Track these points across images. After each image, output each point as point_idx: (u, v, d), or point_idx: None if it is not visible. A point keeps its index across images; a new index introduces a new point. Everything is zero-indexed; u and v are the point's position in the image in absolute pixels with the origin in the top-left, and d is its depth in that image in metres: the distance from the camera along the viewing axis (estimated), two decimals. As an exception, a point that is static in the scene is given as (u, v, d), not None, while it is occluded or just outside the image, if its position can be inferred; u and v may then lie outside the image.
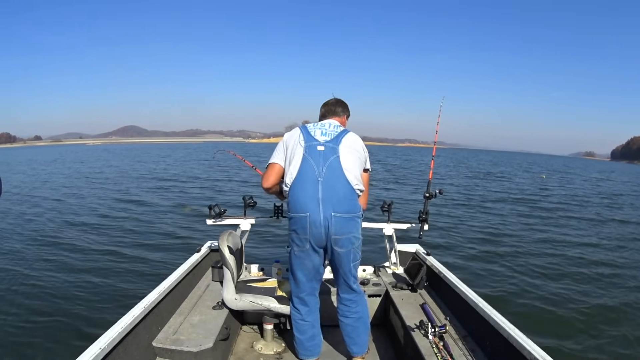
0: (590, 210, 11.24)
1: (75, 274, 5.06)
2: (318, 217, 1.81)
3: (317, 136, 1.92)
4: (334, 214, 1.82)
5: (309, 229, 1.83)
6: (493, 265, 5.69)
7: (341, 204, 1.83)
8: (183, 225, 7.94)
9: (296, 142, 1.92)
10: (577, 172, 36.43)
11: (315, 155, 1.87)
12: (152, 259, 5.69)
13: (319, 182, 1.82)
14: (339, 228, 1.83)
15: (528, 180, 21.59)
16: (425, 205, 2.66)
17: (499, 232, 7.96)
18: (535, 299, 4.54)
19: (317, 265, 1.94)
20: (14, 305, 4.11)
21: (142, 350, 1.82)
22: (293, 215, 1.87)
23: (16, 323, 3.73)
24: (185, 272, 2.44)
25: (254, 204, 2.82)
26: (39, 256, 5.86)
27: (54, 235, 7.20)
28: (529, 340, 1.60)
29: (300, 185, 1.85)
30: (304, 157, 1.87)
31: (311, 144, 1.89)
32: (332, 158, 1.87)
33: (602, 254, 6.49)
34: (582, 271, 5.58)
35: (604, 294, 4.76)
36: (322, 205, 1.81)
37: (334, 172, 1.85)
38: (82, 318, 3.84)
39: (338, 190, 1.84)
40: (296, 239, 1.88)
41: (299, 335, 2.06)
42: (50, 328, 3.65)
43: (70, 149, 73.21)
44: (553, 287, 4.94)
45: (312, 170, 1.84)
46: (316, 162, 1.85)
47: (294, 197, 1.87)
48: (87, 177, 18.32)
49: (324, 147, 1.88)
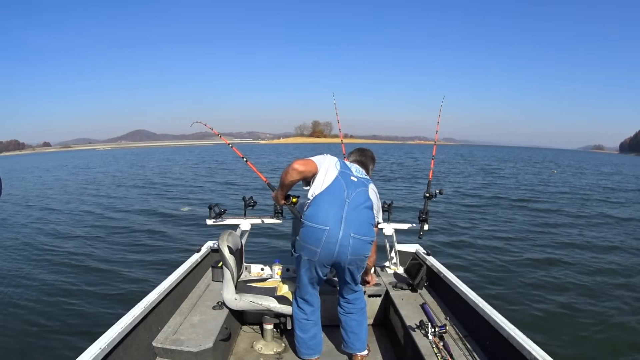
0: (596, 208, 11.17)
1: (75, 274, 5.07)
2: (337, 234, 1.83)
3: (352, 170, 2.02)
4: (354, 235, 1.85)
5: (323, 243, 1.83)
6: (493, 265, 5.69)
7: (362, 227, 1.89)
8: (183, 225, 7.94)
9: (332, 164, 1.98)
10: (587, 166, 36.10)
11: (348, 181, 1.94)
12: (152, 259, 5.69)
13: (346, 202, 1.87)
14: (356, 249, 1.87)
15: (538, 176, 21.40)
16: (425, 205, 2.66)
17: (500, 232, 7.95)
18: (536, 298, 4.53)
19: (323, 275, 1.98)
20: (14, 306, 4.12)
21: (142, 350, 1.82)
22: (310, 225, 1.85)
23: (16, 323, 3.73)
24: (185, 272, 2.44)
25: (254, 204, 2.82)
26: (39, 256, 5.87)
27: (54, 236, 7.21)
28: (529, 340, 1.60)
29: (328, 198, 1.87)
30: (337, 178, 1.93)
31: (345, 172, 1.98)
32: (361, 189, 1.95)
33: (608, 255, 6.47)
34: (585, 272, 5.57)
35: (605, 295, 4.76)
36: (345, 224, 1.84)
37: (361, 199, 1.92)
38: (82, 318, 3.84)
39: (361, 214, 1.90)
40: (306, 249, 1.88)
41: (302, 334, 2.07)
42: (51, 328, 3.65)
43: (80, 155, 72.96)
44: (554, 287, 4.93)
45: (342, 190, 1.90)
46: (347, 186, 1.92)
47: (316, 208, 1.87)
48: (94, 180, 18.35)
49: (356, 179, 1.97)
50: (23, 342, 3.42)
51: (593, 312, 4.25)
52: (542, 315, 4.12)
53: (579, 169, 30.14)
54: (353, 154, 2.37)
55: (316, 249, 1.84)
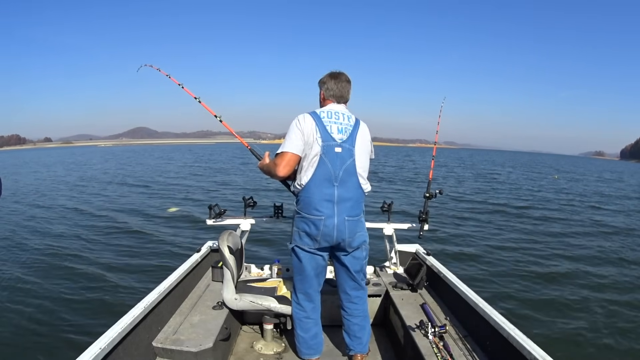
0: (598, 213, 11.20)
1: (74, 274, 5.06)
2: (332, 221, 1.85)
3: (334, 133, 1.85)
4: (348, 218, 1.87)
5: (321, 230, 1.85)
6: (493, 265, 5.69)
7: (354, 208, 1.89)
8: (183, 225, 7.93)
9: (313, 139, 1.83)
10: (588, 172, 36.22)
11: (333, 157, 1.84)
12: (152, 259, 5.68)
13: (335, 186, 1.84)
14: (351, 230, 1.89)
15: (540, 181, 21.44)
16: (425, 205, 2.66)
17: (502, 232, 7.96)
18: (536, 299, 4.54)
19: (325, 260, 2.00)
20: (15, 306, 4.11)
21: (142, 350, 1.82)
22: (306, 216, 1.87)
23: (16, 323, 3.72)
24: (185, 272, 2.44)
25: (254, 204, 2.81)
26: (39, 257, 5.85)
27: (53, 236, 7.20)
28: (529, 340, 1.60)
29: (317, 188, 1.85)
30: (321, 159, 1.83)
31: (329, 144, 1.83)
32: (349, 162, 1.86)
33: (608, 259, 6.48)
34: (586, 273, 5.58)
35: (606, 295, 4.76)
36: (337, 209, 1.85)
37: (350, 176, 1.87)
38: (82, 318, 3.84)
39: (352, 195, 1.88)
40: (306, 238, 1.91)
41: (302, 333, 2.06)
42: (51, 328, 3.64)
43: (81, 151, 72.80)
44: (553, 287, 4.94)
45: (329, 173, 1.84)
46: (333, 165, 1.84)
47: (308, 199, 1.86)
48: (95, 179, 18.35)
49: (341, 149, 1.85)
50: (23, 342, 3.42)
51: (594, 313, 4.25)
52: (542, 315, 4.12)
53: (582, 175, 30.21)
54: (328, 88, 1.96)
55: (316, 237, 1.87)
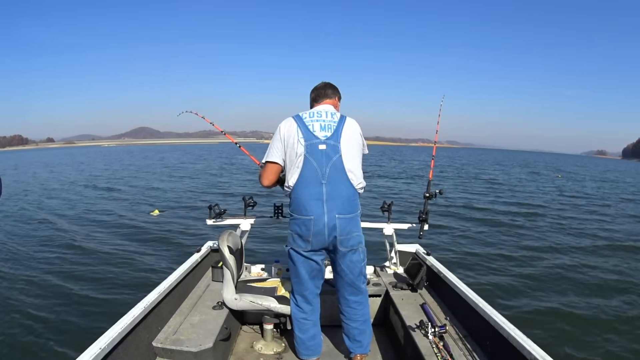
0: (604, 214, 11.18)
1: (74, 274, 5.06)
2: (322, 220, 1.82)
3: (316, 132, 1.84)
4: (338, 215, 1.83)
5: (312, 231, 1.84)
6: (494, 266, 5.69)
7: (345, 206, 1.85)
8: (183, 225, 7.93)
9: (295, 140, 1.83)
10: (590, 171, 36.16)
11: (317, 156, 1.81)
12: (151, 259, 5.69)
13: (323, 184, 1.81)
14: (343, 228, 1.85)
15: (541, 181, 21.37)
16: (425, 205, 2.65)
17: (503, 231, 7.95)
18: (536, 299, 4.53)
19: (320, 263, 1.97)
20: (15, 306, 4.11)
21: (142, 350, 1.82)
22: (297, 217, 1.87)
23: (16, 324, 3.72)
24: (185, 272, 2.44)
25: (254, 204, 2.81)
26: (39, 257, 5.86)
27: (53, 236, 7.20)
28: (529, 340, 1.60)
29: (304, 188, 1.83)
30: (306, 158, 1.81)
31: (312, 143, 1.82)
32: (335, 158, 1.82)
33: (608, 258, 6.46)
34: (586, 274, 5.57)
35: (606, 296, 4.75)
36: (327, 207, 1.82)
37: (337, 173, 1.83)
38: (82, 318, 3.84)
39: (342, 192, 1.84)
40: (299, 240, 1.89)
41: (301, 334, 2.06)
42: (51, 328, 3.64)
43: (83, 151, 72.72)
44: (554, 288, 4.93)
45: (315, 172, 1.81)
46: (319, 163, 1.81)
47: (297, 200, 1.86)
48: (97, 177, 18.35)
49: (325, 146, 1.82)
50: (23, 342, 3.42)
51: (594, 313, 4.25)
52: (542, 315, 4.12)
53: (583, 175, 30.19)
54: (311, 97, 2.04)
55: (308, 238, 1.85)
